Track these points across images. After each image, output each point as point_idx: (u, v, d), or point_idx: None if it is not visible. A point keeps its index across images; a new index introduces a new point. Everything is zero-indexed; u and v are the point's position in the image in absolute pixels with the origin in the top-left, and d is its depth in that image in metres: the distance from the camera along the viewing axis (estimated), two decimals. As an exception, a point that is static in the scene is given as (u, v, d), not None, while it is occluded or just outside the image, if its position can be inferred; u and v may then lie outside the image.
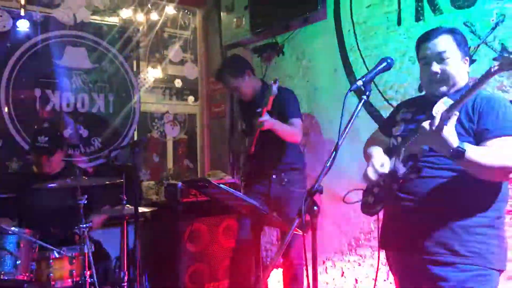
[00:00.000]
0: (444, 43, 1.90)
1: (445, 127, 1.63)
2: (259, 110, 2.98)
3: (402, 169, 1.87)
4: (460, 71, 1.92)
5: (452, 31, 1.94)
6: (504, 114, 1.80)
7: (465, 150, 1.66)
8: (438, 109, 1.68)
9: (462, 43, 1.94)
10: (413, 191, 1.88)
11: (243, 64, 3.37)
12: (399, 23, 3.26)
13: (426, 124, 1.69)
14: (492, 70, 1.53)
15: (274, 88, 2.90)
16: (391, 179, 1.90)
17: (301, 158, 3.41)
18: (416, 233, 1.88)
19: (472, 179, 1.78)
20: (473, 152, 1.68)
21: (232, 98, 4.82)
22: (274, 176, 3.20)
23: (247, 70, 3.31)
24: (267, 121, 2.94)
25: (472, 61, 2.78)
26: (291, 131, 3.12)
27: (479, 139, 1.80)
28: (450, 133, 1.65)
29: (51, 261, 2.78)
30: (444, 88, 1.91)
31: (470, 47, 2.83)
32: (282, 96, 3.10)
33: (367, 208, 2.04)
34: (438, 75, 1.90)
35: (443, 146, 1.68)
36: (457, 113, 1.65)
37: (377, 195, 1.97)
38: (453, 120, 1.64)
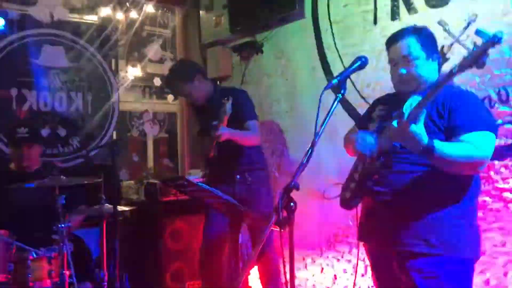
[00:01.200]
0: (408, 46, 1.96)
1: (413, 124, 1.68)
2: (215, 123, 2.95)
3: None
4: (427, 70, 1.97)
5: (416, 31, 1.99)
6: (475, 110, 1.86)
7: (434, 146, 1.71)
8: (407, 106, 1.72)
9: (427, 42, 1.98)
10: (388, 185, 1.94)
11: (192, 68, 3.31)
12: (375, 22, 3.31)
13: (395, 122, 1.74)
14: (454, 71, 1.59)
15: (228, 107, 2.88)
16: (365, 175, 1.95)
17: (262, 157, 3.40)
18: (390, 226, 1.94)
19: (444, 174, 1.83)
20: (442, 147, 1.73)
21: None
22: (238, 177, 3.17)
23: (197, 74, 3.24)
24: (224, 134, 2.93)
25: (445, 60, 2.85)
26: (249, 136, 3.12)
27: (450, 135, 1.86)
28: (419, 130, 1.69)
29: (29, 261, 2.74)
30: (411, 88, 1.96)
31: (444, 46, 2.90)
32: (236, 99, 3.05)
33: (345, 202, 2.09)
34: (404, 76, 1.96)
35: (412, 144, 1.72)
36: (425, 111, 1.69)
37: (353, 190, 2.02)
38: (421, 118, 1.69)
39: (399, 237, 1.91)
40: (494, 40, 1.49)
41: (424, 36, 1.99)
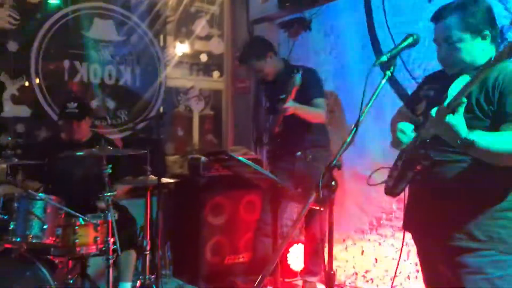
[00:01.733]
0: (450, 26, 1.81)
1: (450, 115, 1.57)
2: (283, 96, 2.99)
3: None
4: (473, 52, 1.82)
5: (461, 7, 1.81)
6: None
7: (472, 140, 1.60)
8: (453, 89, 1.63)
9: (474, 19, 1.79)
10: (433, 175, 1.83)
11: (265, 46, 3.39)
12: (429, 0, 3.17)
13: (433, 111, 1.64)
14: (492, 60, 1.49)
15: (297, 79, 2.94)
16: (407, 165, 1.86)
17: (326, 135, 3.42)
18: (435, 217, 1.85)
19: (491, 165, 1.72)
20: (483, 141, 1.62)
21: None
22: (298, 153, 3.23)
23: (269, 52, 3.34)
24: (291, 107, 2.99)
25: (504, 40, 2.69)
26: (315, 113, 3.16)
27: (497, 121, 1.72)
28: (457, 121, 1.58)
29: (76, 227, 2.85)
30: (456, 71, 1.84)
31: (503, 26, 2.73)
32: (305, 77, 3.09)
33: (389, 190, 2.01)
34: (446, 61, 1.87)
35: (450, 135, 1.62)
36: (465, 100, 1.57)
37: (396, 179, 1.92)
38: (461, 108, 1.58)
39: (445, 230, 1.82)
40: None
41: (470, 13, 1.79)
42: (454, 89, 1.63)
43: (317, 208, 1.73)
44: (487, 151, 1.63)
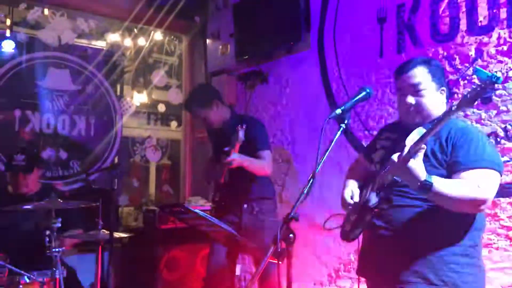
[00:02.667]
0: (418, 75, 1.91)
1: (412, 160, 1.64)
2: (227, 149, 2.95)
3: (374, 199, 1.87)
4: (435, 102, 1.93)
5: (427, 62, 1.95)
6: (477, 148, 1.80)
7: (431, 183, 1.66)
8: (411, 139, 1.68)
9: (437, 74, 1.94)
10: (388, 219, 1.88)
11: (211, 94, 3.31)
12: (381, 55, 3.32)
13: (395, 157, 1.70)
14: (452, 109, 1.57)
15: (241, 134, 2.89)
16: (364, 209, 1.90)
17: (271, 187, 3.36)
18: (390, 261, 1.88)
19: (446, 210, 1.78)
20: (440, 184, 1.68)
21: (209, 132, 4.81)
22: (245, 206, 3.15)
23: (215, 100, 3.24)
24: (236, 160, 2.93)
25: (452, 94, 2.83)
26: (260, 166, 3.08)
27: (450, 171, 1.80)
28: (417, 166, 1.66)
29: (20, 286, 2.67)
30: (419, 119, 1.92)
31: (449, 80, 2.88)
32: (251, 128, 3.06)
33: (345, 235, 2.03)
34: (413, 107, 1.92)
35: (411, 179, 1.69)
36: (424, 147, 1.65)
37: (353, 223, 1.97)
38: (420, 154, 1.65)
39: (398, 274, 1.84)
40: (491, 80, 1.46)
41: (434, 67, 1.94)
42: (410, 139, 1.69)
43: (275, 261, 1.69)
44: (444, 195, 1.69)
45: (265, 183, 3.26)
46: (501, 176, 1.81)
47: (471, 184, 1.72)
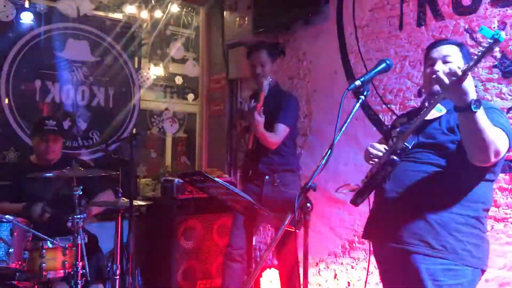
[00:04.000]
0: (450, 50, 2.04)
1: (466, 78, 1.63)
2: (253, 104, 3.00)
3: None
4: None
5: (459, 44, 2.09)
6: (499, 116, 1.87)
7: (479, 103, 1.66)
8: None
9: (467, 56, 2.05)
10: (396, 182, 1.94)
11: (280, 52, 3.50)
12: (400, 27, 3.27)
13: (443, 76, 1.67)
14: (470, 65, 1.61)
15: (265, 84, 2.97)
16: (375, 172, 1.96)
17: (296, 159, 3.41)
18: (395, 223, 1.94)
19: (452, 178, 1.85)
20: (482, 113, 1.69)
21: (232, 97, 4.82)
22: (267, 177, 3.20)
23: (279, 57, 3.43)
24: (257, 119, 2.99)
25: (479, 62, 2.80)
26: (269, 138, 3.10)
27: None
28: (470, 85, 1.65)
29: (44, 251, 2.77)
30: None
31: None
32: (283, 100, 3.12)
33: (353, 199, 2.06)
34: (439, 73, 1.93)
35: (461, 95, 1.66)
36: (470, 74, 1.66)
37: (362, 187, 2.00)
38: (469, 76, 1.64)
39: (401, 235, 1.90)
40: (495, 38, 1.56)
41: (465, 50, 2.08)
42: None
43: (293, 229, 1.73)
44: (480, 124, 1.68)
45: (290, 154, 3.29)
46: (510, 144, 1.84)
47: (498, 133, 1.76)
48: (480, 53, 1.60)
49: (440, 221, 1.86)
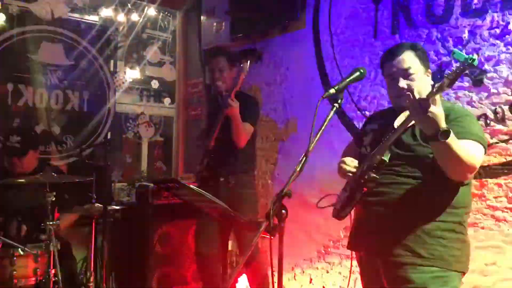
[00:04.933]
0: (408, 60, 1.98)
1: (434, 107, 1.66)
2: (226, 94, 2.98)
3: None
4: (424, 84, 1.99)
5: (413, 46, 2.04)
6: (466, 123, 1.89)
7: (450, 131, 1.68)
8: (399, 121, 1.74)
9: (423, 57, 2.03)
10: (380, 196, 1.95)
11: (240, 57, 3.43)
12: (375, 35, 3.33)
13: (414, 103, 1.71)
14: (435, 90, 1.65)
15: (246, 65, 2.91)
16: (356, 186, 1.96)
17: (252, 160, 3.38)
18: (379, 235, 1.95)
19: (433, 188, 1.87)
20: (454, 137, 1.72)
21: (210, 101, 4.81)
22: (221, 179, 3.17)
23: (241, 63, 3.25)
24: (233, 106, 2.94)
25: (443, 75, 2.87)
26: (243, 131, 3.08)
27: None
28: (439, 112, 1.67)
29: (14, 258, 2.71)
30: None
31: (442, 62, 2.92)
32: (245, 100, 3.10)
33: (336, 213, 2.09)
34: (405, 90, 1.97)
35: (431, 125, 1.69)
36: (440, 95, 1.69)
37: (344, 201, 2.02)
38: (438, 103, 1.67)
39: (387, 246, 1.92)
40: (468, 62, 1.57)
41: (420, 51, 2.03)
42: (399, 121, 1.73)
43: (268, 236, 1.73)
44: (452, 149, 1.71)
45: (244, 157, 3.24)
46: (485, 152, 1.88)
47: (470, 150, 1.79)
48: (451, 77, 1.61)
49: (426, 230, 1.88)
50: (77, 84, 4.39)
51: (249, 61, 2.94)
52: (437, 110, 1.66)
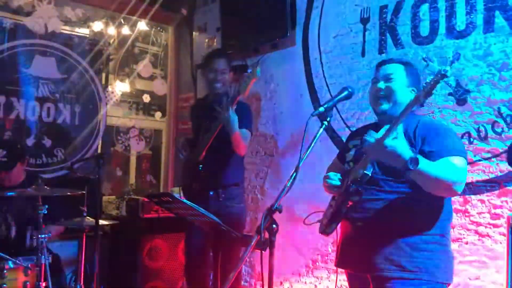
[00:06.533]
0: (393, 68, 2.09)
1: (396, 140, 1.74)
2: (226, 101, 2.93)
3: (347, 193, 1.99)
4: (403, 93, 2.04)
5: (405, 63, 2.13)
6: (448, 137, 1.96)
7: (417, 159, 1.75)
8: (380, 134, 1.80)
9: (412, 74, 2.10)
10: (363, 211, 2.01)
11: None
12: (363, 54, 3.42)
13: (371, 138, 1.80)
14: (410, 103, 1.76)
15: (258, 71, 2.79)
16: (340, 202, 2.01)
17: (241, 172, 3.35)
18: (365, 251, 2.00)
19: (416, 202, 1.93)
20: (425, 163, 1.79)
21: (198, 111, 4.84)
22: (211, 193, 3.16)
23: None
24: (232, 116, 2.89)
25: (429, 95, 2.95)
26: (243, 140, 3.03)
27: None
28: (399, 144, 1.76)
29: (5, 271, 2.70)
30: (385, 106, 2.06)
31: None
32: (239, 107, 3.06)
33: (322, 229, 2.13)
34: (382, 91, 2.06)
35: (392, 158, 1.77)
36: (399, 128, 1.78)
37: (330, 217, 2.07)
38: (395, 134, 1.75)
39: (374, 261, 1.96)
40: (441, 73, 1.70)
41: (410, 68, 2.11)
42: (380, 134, 1.82)
43: (259, 251, 1.77)
44: (427, 174, 1.79)
45: (235, 168, 3.24)
46: (467, 162, 1.96)
47: (449, 168, 1.84)
48: (426, 89, 1.72)
49: (411, 244, 1.94)
50: (68, 97, 4.41)
51: (259, 67, 2.83)
52: (392, 142, 1.74)
